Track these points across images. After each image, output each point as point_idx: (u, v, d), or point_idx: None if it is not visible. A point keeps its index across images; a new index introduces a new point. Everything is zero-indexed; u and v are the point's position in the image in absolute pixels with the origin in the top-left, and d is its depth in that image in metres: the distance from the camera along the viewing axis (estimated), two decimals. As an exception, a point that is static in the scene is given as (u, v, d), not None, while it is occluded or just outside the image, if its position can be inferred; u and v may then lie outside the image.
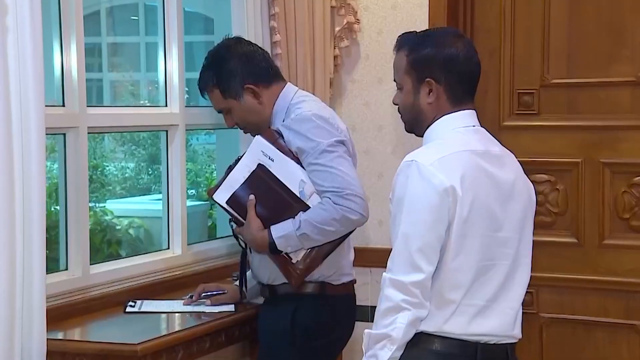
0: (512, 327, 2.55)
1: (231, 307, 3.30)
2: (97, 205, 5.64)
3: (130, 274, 3.54)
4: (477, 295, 2.48)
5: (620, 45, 3.89)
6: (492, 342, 2.51)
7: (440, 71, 2.55)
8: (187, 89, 4.05)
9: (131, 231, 5.77)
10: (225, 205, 3.15)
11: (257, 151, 3.10)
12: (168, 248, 3.83)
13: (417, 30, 2.68)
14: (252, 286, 3.36)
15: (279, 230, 3.04)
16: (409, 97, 2.61)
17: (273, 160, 3.07)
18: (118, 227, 5.73)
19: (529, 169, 3.89)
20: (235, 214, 3.15)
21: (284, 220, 3.04)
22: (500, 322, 2.52)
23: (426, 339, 2.46)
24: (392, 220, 2.49)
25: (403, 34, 2.67)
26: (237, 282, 3.38)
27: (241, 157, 3.18)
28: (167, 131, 3.82)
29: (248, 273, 3.36)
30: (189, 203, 4.00)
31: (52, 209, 3.62)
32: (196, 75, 3.37)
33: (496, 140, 2.65)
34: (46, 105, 2.85)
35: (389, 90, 3.43)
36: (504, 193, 2.53)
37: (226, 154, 4.47)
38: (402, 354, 2.44)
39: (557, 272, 4.02)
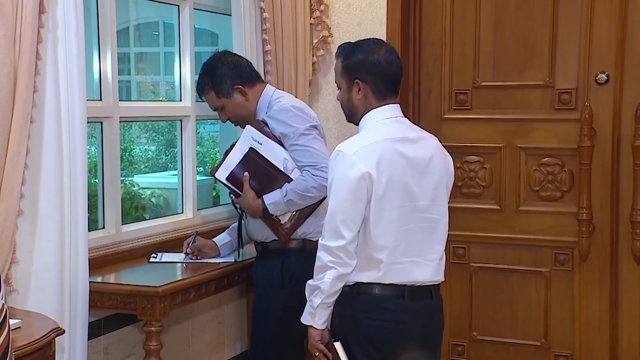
0: (434, 275, 2.57)
1: (231, 258, 3.30)
2: (126, 179, 5.60)
3: (153, 232, 3.53)
4: (400, 254, 2.49)
5: (533, 55, 3.89)
6: (417, 285, 2.53)
7: (366, 73, 2.54)
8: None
9: (153, 199, 5.73)
10: (225, 181, 3.15)
11: (248, 137, 3.10)
12: (182, 212, 3.82)
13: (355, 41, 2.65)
14: (227, 242, 3.37)
15: (270, 198, 3.05)
16: (345, 95, 2.62)
17: (261, 144, 3.07)
18: (143, 196, 5.69)
19: (463, 151, 4.05)
20: (233, 188, 3.15)
21: (273, 190, 3.06)
22: (423, 272, 2.54)
23: (365, 287, 2.50)
24: (327, 191, 2.53)
25: (341, 44, 2.66)
26: (214, 239, 3.39)
27: (235, 143, 3.17)
28: (181, 121, 3.80)
29: (223, 234, 3.40)
30: (198, 178, 3.98)
31: (92, 182, 3.60)
32: (205, 77, 3.35)
33: (417, 127, 2.66)
34: (87, 100, 2.84)
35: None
36: (419, 169, 2.53)
37: (227, 139, 4.45)
38: (348, 301, 2.50)
39: (483, 231, 4.05)
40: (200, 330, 3.79)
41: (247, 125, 3.15)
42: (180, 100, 3.80)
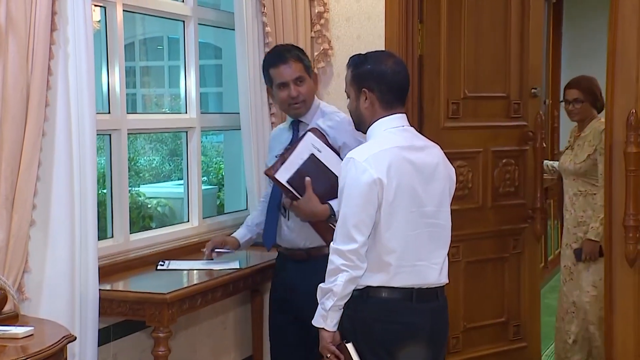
0: (438, 277, 2.60)
1: (236, 265, 3.29)
2: (133, 189, 5.61)
3: (160, 241, 3.54)
4: (409, 258, 2.52)
5: (498, 72, 4.32)
6: (425, 287, 2.56)
7: (373, 83, 2.57)
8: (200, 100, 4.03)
9: (159, 208, 5.74)
10: (285, 183, 3.06)
11: (308, 144, 3.07)
12: (188, 221, 3.83)
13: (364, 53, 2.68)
14: (247, 239, 3.33)
15: (336, 205, 2.92)
16: (354, 103, 2.64)
17: (321, 152, 3.06)
18: (149, 206, 5.71)
19: (455, 157, 3.98)
20: (293, 191, 3.06)
21: (329, 196, 2.99)
22: (429, 275, 2.57)
23: (375, 291, 2.51)
24: (339, 192, 2.55)
25: (352, 56, 2.69)
26: (234, 234, 3.34)
27: (289, 147, 3.11)
28: (186, 132, 3.81)
29: (243, 231, 3.34)
30: (203, 187, 3.99)
31: (101, 192, 3.61)
32: (208, 90, 3.37)
33: (422, 136, 2.70)
34: (96, 113, 2.85)
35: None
36: (426, 176, 2.56)
37: (231, 149, 4.48)
38: (358, 304, 2.51)
39: (470, 229, 4.26)
40: (206, 336, 3.79)
41: (308, 133, 3.11)
42: (186, 112, 3.81)
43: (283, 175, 3.07)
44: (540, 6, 4.52)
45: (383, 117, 2.58)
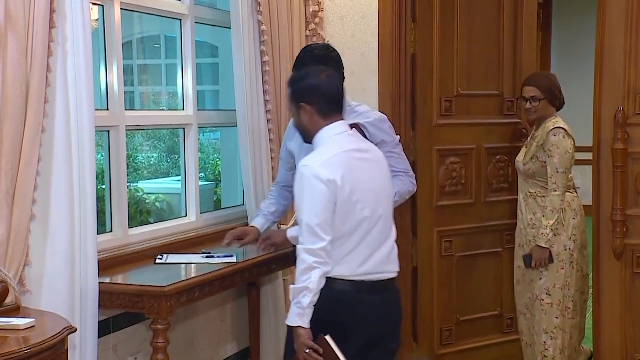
0: (386, 267, 2.74)
1: (233, 259, 3.29)
2: (131, 184, 5.62)
3: (158, 235, 3.55)
4: (361, 251, 2.67)
5: (491, 70, 4.33)
6: (374, 279, 2.70)
7: (309, 97, 2.73)
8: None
9: (157, 204, 5.75)
10: None
11: None
12: (185, 216, 3.84)
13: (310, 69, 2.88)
14: (266, 229, 3.40)
15: None
16: (296, 118, 2.81)
17: None
18: (147, 201, 5.71)
19: (448, 153, 4.26)
20: None
21: None
22: (375, 265, 2.71)
23: (329, 282, 2.62)
24: (296, 201, 2.67)
25: (290, 75, 2.89)
26: (253, 224, 3.41)
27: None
28: (184, 128, 3.83)
29: (261, 220, 3.39)
30: (200, 183, 4.01)
31: (100, 187, 3.62)
32: (204, 87, 3.40)
33: (364, 139, 2.90)
34: (95, 109, 2.86)
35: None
36: (373, 175, 2.74)
37: (227, 146, 4.50)
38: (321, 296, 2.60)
39: (463, 224, 4.34)
40: (204, 328, 3.81)
41: (365, 132, 3.20)
42: (183, 109, 3.82)
43: None
44: (534, 5, 4.53)
45: (325, 126, 2.73)
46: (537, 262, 3.82)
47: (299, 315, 2.59)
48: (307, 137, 2.80)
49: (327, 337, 2.56)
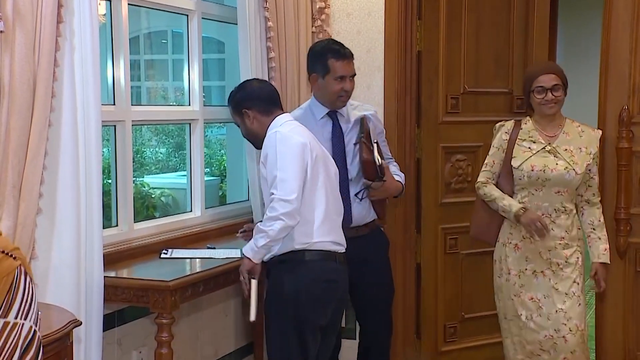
0: (340, 238, 2.99)
1: (238, 253, 3.26)
2: (138, 179, 5.62)
3: (164, 230, 3.54)
4: (329, 221, 2.92)
5: (500, 67, 4.28)
6: (340, 251, 2.97)
7: (247, 102, 3.01)
8: (204, 93, 4.05)
9: (163, 198, 5.76)
10: (379, 167, 3.29)
11: (372, 130, 3.36)
12: (191, 211, 3.83)
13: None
14: None
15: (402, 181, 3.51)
16: (243, 127, 3.05)
17: (376, 142, 3.36)
18: (153, 196, 5.72)
19: (455, 151, 4.23)
20: (379, 172, 3.30)
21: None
22: (338, 236, 2.99)
23: (301, 253, 2.90)
24: (268, 167, 2.85)
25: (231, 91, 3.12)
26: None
27: (361, 135, 3.30)
28: (190, 124, 3.82)
29: None
30: (206, 178, 4.00)
31: (106, 182, 3.62)
32: (211, 83, 3.41)
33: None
34: (102, 104, 2.86)
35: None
36: (326, 153, 3.05)
37: (233, 142, 4.49)
38: (290, 265, 2.90)
39: (469, 221, 4.16)
40: (208, 323, 3.80)
41: (363, 120, 3.33)
42: (189, 105, 3.81)
43: (377, 159, 3.28)
44: (546, 0, 4.37)
45: (272, 120, 2.95)
46: (605, 280, 3.38)
47: (252, 250, 2.88)
48: (258, 142, 2.98)
49: (253, 282, 2.92)
